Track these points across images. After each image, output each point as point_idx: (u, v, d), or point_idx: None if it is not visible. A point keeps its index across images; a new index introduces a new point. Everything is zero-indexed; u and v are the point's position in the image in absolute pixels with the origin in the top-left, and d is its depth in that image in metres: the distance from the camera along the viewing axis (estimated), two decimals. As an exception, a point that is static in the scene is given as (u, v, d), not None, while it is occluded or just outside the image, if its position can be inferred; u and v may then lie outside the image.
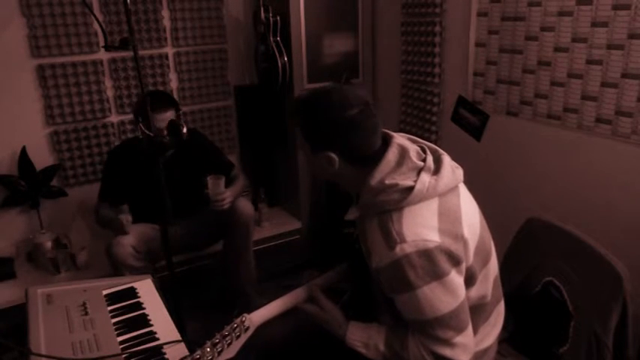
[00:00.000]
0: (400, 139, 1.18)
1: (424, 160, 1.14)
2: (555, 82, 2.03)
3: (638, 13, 1.71)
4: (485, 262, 1.20)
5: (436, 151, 1.20)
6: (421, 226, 1.06)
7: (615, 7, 1.76)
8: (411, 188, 1.08)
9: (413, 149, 1.16)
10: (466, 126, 2.50)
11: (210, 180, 2.25)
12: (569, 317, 1.37)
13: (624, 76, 1.78)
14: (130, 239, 2.15)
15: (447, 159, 1.17)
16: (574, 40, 1.92)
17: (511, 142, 2.28)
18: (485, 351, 1.28)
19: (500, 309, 1.33)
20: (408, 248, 1.04)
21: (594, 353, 1.28)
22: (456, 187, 1.17)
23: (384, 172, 1.11)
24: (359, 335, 1.20)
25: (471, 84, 2.43)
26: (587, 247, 1.35)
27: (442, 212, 1.09)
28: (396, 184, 1.08)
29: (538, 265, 1.50)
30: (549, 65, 2.04)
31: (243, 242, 2.38)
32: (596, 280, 1.30)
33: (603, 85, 1.85)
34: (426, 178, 1.10)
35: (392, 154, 1.13)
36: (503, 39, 2.21)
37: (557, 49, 1.99)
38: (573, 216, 1.93)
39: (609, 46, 1.81)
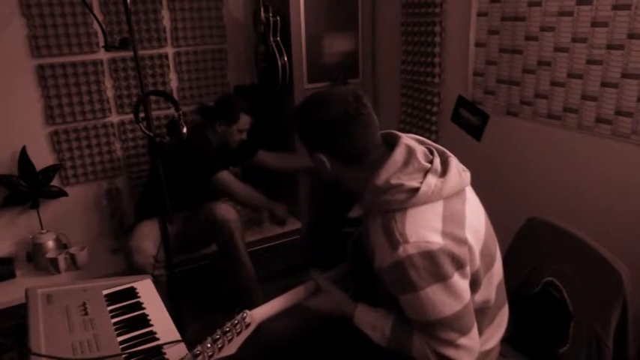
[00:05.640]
0: (408, 139, 1.17)
1: (431, 162, 1.13)
2: (555, 82, 2.03)
3: (638, 13, 1.71)
4: (489, 266, 1.19)
5: (444, 153, 1.19)
6: (424, 228, 1.06)
7: (615, 7, 1.76)
8: (416, 189, 1.07)
9: (420, 150, 1.15)
10: (466, 126, 2.50)
11: None
12: (569, 317, 1.36)
13: (624, 76, 1.78)
14: (152, 249, 2.13)
15: (454, 162, 1.16)
16: (574, 40, 1.92)
17: (511, 142, 2.28)
18: (489, 352, 1.28)
19: (505, 312, 1.33)
20: (410, 249, 1.04)
21: (594, 353, 1.27)
22: (462, 191, 1.16)
23: (391, 171, 1.11)
24: (367, 315, 1.21)
25: (470, 84, 2.43)
26: (587, 247, 1.35)
27: (446, 215, 1.09)
28: (402, 185, 1.08)
29: (538, 265, 1.50)
30: (549, 65, 2.04)
31: (231, 246, 2.35)
32: (596, 280, 1.30)
33: (603, 85, 1.85)
34: (432, 180, 1.09)
35: (399, 154, 1.12)
36: (503, 39, 2.21)
37: (557, 49, 1.99)
38: (573, 216, 1.93)
39: (609, 46, 1.81)
